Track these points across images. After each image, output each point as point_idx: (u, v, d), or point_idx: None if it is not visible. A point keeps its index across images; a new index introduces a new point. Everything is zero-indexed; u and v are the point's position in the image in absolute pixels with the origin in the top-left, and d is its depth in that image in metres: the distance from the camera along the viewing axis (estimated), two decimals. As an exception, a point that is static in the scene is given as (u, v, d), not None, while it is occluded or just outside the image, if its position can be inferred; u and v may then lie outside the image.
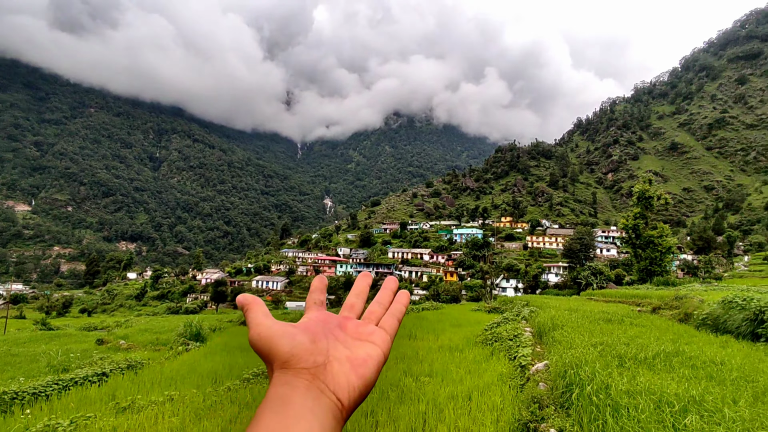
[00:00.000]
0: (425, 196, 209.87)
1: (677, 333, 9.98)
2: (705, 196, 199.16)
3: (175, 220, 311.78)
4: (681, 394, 4.71)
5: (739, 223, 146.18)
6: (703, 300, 13.27)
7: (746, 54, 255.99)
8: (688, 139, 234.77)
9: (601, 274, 65.28)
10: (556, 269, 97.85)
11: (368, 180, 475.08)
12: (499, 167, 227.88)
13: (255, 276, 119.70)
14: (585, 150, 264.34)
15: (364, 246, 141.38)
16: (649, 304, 18.52)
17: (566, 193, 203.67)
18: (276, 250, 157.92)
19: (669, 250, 45.35)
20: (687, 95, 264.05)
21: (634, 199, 48.46)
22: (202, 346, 16.99)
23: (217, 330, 22.89)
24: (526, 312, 16.89)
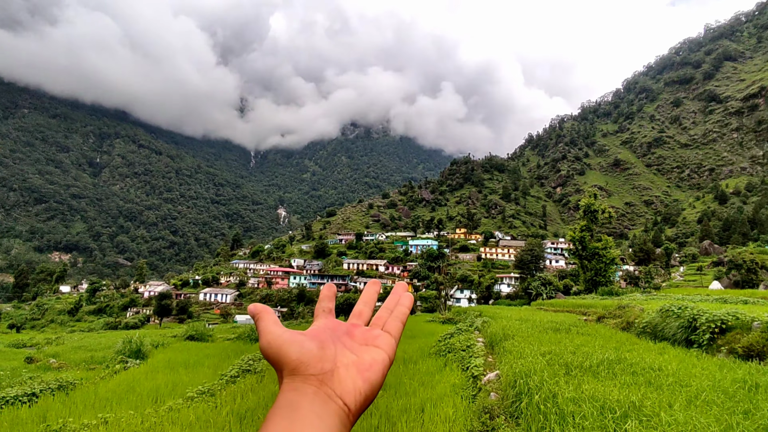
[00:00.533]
0: (381, 207, 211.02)
1: (620, 341, 10.47)
2: (645, 210, 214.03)
3: (117, 230, 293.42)
4: (622, 400, 4.88)
5: (675, 236, 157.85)
6: (643, 309, 14.05)
7: (680, 79, 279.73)
8: (630, 156, 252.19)
9: (550, 284, 68.03)
10: (509, 280, 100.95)
11: (324, 190, 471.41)
12: (455, 179, 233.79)
13: (203, 288, 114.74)
14: (536, 164, 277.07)
15: (318, 257, 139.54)
16: (594, 313, 19.38)
17: (518, 205, 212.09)
18: (226, 262, 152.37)
19: (612, 261, 48.06)
20: (628, 115, 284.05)
21: (580, 212, 51.00)
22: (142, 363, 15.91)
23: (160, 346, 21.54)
24: (479, 322, 17.19)
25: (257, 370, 10.79)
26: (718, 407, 4.82)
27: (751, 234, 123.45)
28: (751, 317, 8.64)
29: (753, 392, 5.46)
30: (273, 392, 8.14)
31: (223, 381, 10.10)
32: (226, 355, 16.81)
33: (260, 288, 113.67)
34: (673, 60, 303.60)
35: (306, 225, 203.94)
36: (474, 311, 27.82)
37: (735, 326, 8.74)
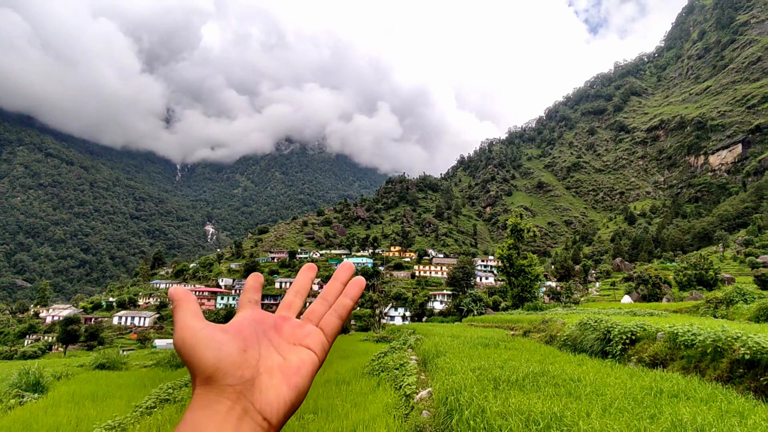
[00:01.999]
0: (316, 225, 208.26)
1: (544, 354, 11.02)
2: (565, 229, 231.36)
3: (16, 247, 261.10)
4: (545, 412, 5.09)
5: (592, 254, 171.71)
6: (564, 323, 14.96)
7: (594, 110, 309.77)
8: (552, 179, 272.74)
9: (480, 300, 70.61)
10: (442, 297, 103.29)
11: (256, 206, 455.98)
12: (390, 198, 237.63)
13: (118, 311, 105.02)
14: (467, 185, 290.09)
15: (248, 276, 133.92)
16: (521, 328, 20.31)
17: (451, 224, 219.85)
18: (145, 282, 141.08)
19: (537, 277, 50.98)
20: (550, 141, 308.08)
21: (508, 231, 53.68)
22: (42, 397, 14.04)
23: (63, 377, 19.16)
24: (413, 340, 17.31)
25: (177, 399, 9.94)
26: (629, 413, 5.18)
27: (655, 252, 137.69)
28: (656, 328, 9.53)
29: (658, 397, 5.96)
30: (193, 424, 7.51)
31: (137, 413, 9.19)
32: (143, 384, 15.37)
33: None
34: (588, 92, 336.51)
35: (236, 242, 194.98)
36: (408, 329, 28.05)
37: (643, 337, 9.59)
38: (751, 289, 25.37)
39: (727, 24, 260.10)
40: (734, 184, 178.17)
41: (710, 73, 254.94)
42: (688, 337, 8.02)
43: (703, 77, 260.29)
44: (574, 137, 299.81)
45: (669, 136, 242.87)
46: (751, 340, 6.75)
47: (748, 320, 17.68)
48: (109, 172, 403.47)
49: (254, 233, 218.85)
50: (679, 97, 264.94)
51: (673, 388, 6.39)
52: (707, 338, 7.54)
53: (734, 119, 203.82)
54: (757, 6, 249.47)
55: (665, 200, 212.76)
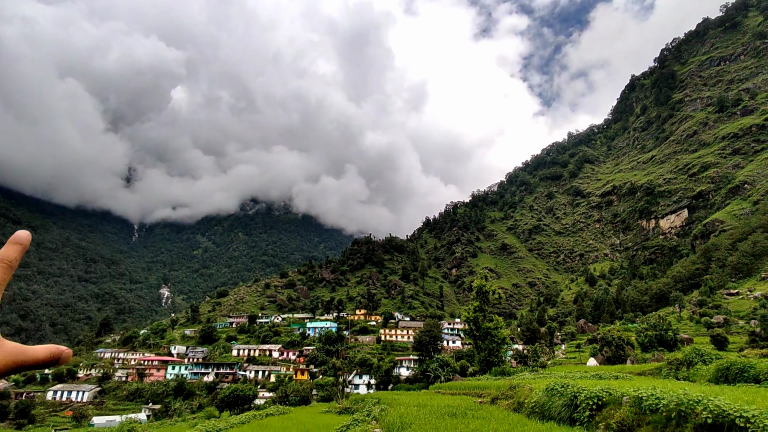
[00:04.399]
0: (279, 287, 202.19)
1: (512, 423, 10.59)
2: (529, 291, 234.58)
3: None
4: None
5: (556, 315, 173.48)
6: (532, 388, 14.64)
7: (552, 175, 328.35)
8: (515, 241, 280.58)
9: (447, 365, 68.77)
10: (408, 362, 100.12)
11: (216, 268, 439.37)
12: (356, 259, 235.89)
13: (53, 384, 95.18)
14: (433, 246, 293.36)
15: (204, 342, 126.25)
16: (488, 394, 19.72)
17: (417, 286, 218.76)
18: (88, 351, 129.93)
19: (504, 341, 50.62)
20: (512, 204, 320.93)
21: (473, 293, 53.87)
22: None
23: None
24: (377, 411, 16.39)
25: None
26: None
27: (616, 313, 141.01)
28: (621, 393, 9.44)
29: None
30: None
31: None
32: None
33: (129, 381, 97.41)
34: (546, 159, 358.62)
35: (192, 307, 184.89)
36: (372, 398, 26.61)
37: (609, 402, 9.45)
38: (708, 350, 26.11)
39: (665, 101, 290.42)
40: (684, 247, 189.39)
41: (654, 143, 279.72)
42: (653, 401, 7.95)
43: (648, 147, 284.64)
44: (534, 201, 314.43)
45: (621, 200, 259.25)
46: (712, 403, 6.76)
47: (708, 381, 17.95)
48: (59, 232, 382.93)
49: (213, 297, 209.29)
50: (628, 165, 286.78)
51: (643, 458, 6.19)
52: (671, 402, 7.51)
53: (679, 186, 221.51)
54: (689, 86, 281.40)
55: (622, 261, 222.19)
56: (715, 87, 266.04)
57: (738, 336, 78.55)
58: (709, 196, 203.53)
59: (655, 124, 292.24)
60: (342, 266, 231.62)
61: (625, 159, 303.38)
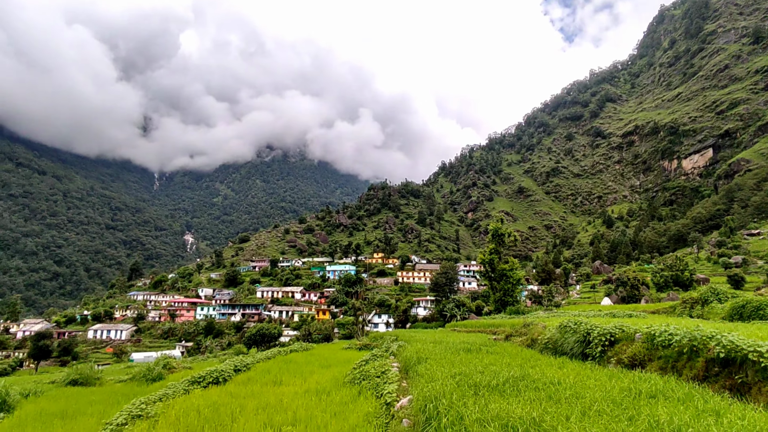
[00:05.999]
0: (298, 233, 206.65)
1: (525, 358, 11.00)
2: (546, 233, 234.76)
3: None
4: (524, 417, 5.02)
5: (572, 257, 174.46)
6: (545, 326, 14.99)
7: (572, 116, 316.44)
8: (532, 184, 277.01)
9: (463, 305, 70.73)
10: (425, 303, 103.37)
11: (237, 215, 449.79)
12: (372, 205, 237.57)
13: (93, 324, 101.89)
14: (449, 191, 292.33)
15: (230, 285, 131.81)
16: (503, 332, 20.30)
17: (433, 230, 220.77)
18: (122, 294, 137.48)
19: (519, 282, 51.43)
20: (529, 147, 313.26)
21: (489, 236, 54.11)
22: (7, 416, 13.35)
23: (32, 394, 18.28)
24: (395, 347, 17.15)
25: (150, 415, 9.56)
26: (607, 416, 5.16)
27: (633, 254, 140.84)
28: (634, 329, 9.62)
29: (636, 399, 5.96)
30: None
31: (107, 431, 8.80)
32: (116, 400, 14.81)
33: (162, 321, 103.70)
34: (565, 99, 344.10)
35: (216, 252, 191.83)
36: (390, 336, 27.82)
37: (621, 338, 9.66)
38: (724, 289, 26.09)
39: (696, 33, 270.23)
40: (706, 187, 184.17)
41: (681, 80, 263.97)
42: (665, 337, 8.10)
43: (674, 84, 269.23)
44: (552, 143, 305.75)
45: (643, 141, 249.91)
46: (726, 338, 6.84)
47: (723, 319, 18.12)
48: (83, 182, 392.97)
49: (235, 242, 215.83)
50: (652, 104, 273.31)
51: (651, 388, 6.41)
52: (683, 338, 7.63)
53: (705, 124, 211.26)
54: (723, 16, 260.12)
55: (641, 203, 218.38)
56: (752, 16, 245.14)
57: (756, 276, 78.02)
58: (736, 135, 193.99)
59: (683, 59, 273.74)
60: (359, 211, 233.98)
61: (649, 97, 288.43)
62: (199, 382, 13.75)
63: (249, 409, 9.40)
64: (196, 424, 8.30)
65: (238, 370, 16.35)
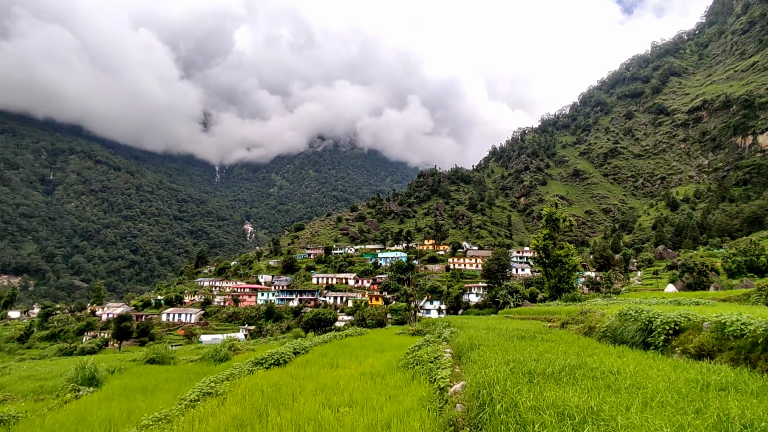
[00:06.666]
0: (350, 221, 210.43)
1: (582, 346, 10.68)
2: (604, 218, 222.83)
3: (72, 250, 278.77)
4: (581, 406, 4.95)
5: (632, 242, 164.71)
6: (604, 313, 14.41)
7: (631, 93, 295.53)
8: (588, 166, 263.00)
9: (517, 292, 69.26)
10: (477, 289, 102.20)
11: (292, 204, 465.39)
12: (422, 191, 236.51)
13: (166, 308, 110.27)
14: (500, 175, 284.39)
15: (287, 272, 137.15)
16: (558, 319, 19.72)
17: (484, 216, 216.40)
18: (190, 280, 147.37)
19: (575, 268, 49.49)
20: (585, 127, 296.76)
21: (543, 221, 52.39)
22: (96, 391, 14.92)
23: (117, 371, 20.31)
24: (447, 333, 17.22)
25: (219, 393, 10.35)
26: (672, 407, 4.96)
27: (700, 238, 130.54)
28: (702, 318, 9.05)
29: (704, 391, 5.67)
30: (234, 415, 7.82)
31: (182, 406, 9.63)
32: (188, 378, 16.08)
33: (226, 306, 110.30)
34: (624, 75, 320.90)
35: (273, 240, 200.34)
36: (443, 322, 27.90)
37: (687, 327, 9.13)
38: (812, 275, 23.65)
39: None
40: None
41: (756, 47, 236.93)
42: (738, 326, 7.56)
43: (749, 52, 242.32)
44: (610, 122, 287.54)
45: (713, 116, 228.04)
46: (810, 329, 6.30)
47: (810, 309, 16.46)
48: (153, 176, 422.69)
49: (291, 231, 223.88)
50: (723, 75, 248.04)
51: (720, 380, 6.06)
52: (758, 328, 7.10)
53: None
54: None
55: (710, 184, 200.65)
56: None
57: None
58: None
59: (759, 24, 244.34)
60: (409, 198, 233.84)
61: (720, 68, 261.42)
62: (262, 363, 14.61)
63: (308, 389, 9.88)
64: (260, 402, 8.86)
65: (297, 353, 17.16)
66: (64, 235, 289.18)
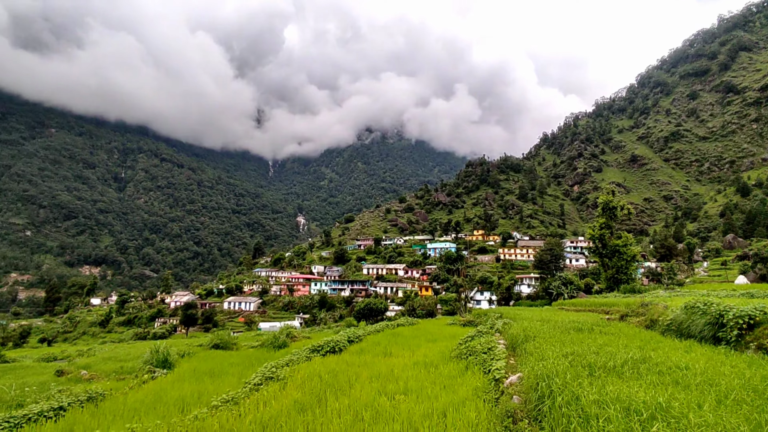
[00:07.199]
0: (399, 212, 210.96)
1: (644, 339, 10.21)
2: (665, 205, 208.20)
3: (143, 242, 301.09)
4: (648, 402, 4.77)
5: (697, 231, 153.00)
6: (667, 306, 13.66)
7: (696, 71, 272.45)
8: (647, 151, 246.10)
9: (571, 283, 66.66)
10: (528, 280, 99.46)
11: (341, 197, 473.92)
12: (470, 181, 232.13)
13: (227, 297, 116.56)
14: (552, 163, 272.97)
15: (338, 263, 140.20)
16: (617, 311, 18.90)
17: (535, 205, 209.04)
18: (248, 270, 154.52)
19: (634, 258, 46.95)
20: (644, 110, 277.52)
21: (599, 210, 50.08)
22: (169, 373, 16.18)
23: (186, 355, 21.89)
24: (500, 324, 16.99)
25: (280, 378, 10.89)
26: (748, 406, 4.68)
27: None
28: (782, 312, 8.35)
29: (786, 390, 5.27)
30: (296, 399, 8.23)
31: (246, 389, 10.22)
32: (250, 363, 17.02)
33: (282, 295, 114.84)
34: (687, 52, 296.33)
35: (325, 232, 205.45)
36: (494, 313, 27.48)
37: (763, 321, 8.45)
38: None
39: None
40: None
41: None
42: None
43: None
44: (671, 104, 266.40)
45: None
46: None
47: None
48: (212, 172, 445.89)
49: (341, 222, 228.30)
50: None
51: (806, 380, 5.60)
52: None
53: None
54: None
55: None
56: None
57: None
58: None
59: None
60: (457, 189, 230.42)
61: None
62: (318, 350, 15.19)
63: (363, 377, 10.16)
64: (319, 387, 9.24)
65: (351, 341, 17.65)
66: (136, 228, 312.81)
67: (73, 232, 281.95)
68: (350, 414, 7.03)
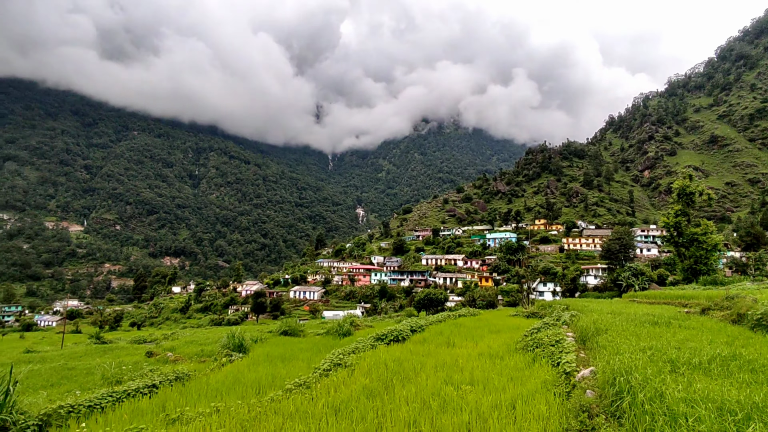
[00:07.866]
0: (456, 202, 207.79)
1: (731, 335, 9.42)
2: (750, 189, 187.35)
3: (215, 235, 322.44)
4: (743, 401, 4.43)
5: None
6: (756, 299, 12.47)
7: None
8: (729, 131, 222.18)
9: (642, 274, 62.46)
10: (595, 271, 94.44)
11: (399, 188, 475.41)
12: (531, 169, 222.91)
13: (292, 287, 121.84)
14: (619, 148, 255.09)
15: (397, 254, 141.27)
16: (697, 304, 17.56)
17: (601, 192, 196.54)
18: (312, 261, 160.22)
19: (715, 247, 43.12)
20: (725, 86, 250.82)
21: (674, 196, 46.46)
22: (244, 357, 17.28)
23: (258, 341, 23.29)
24: (567, 316, 16.36)
25: (347, 364, 11.28)
26: None
27: None
28: None
29: None
30: (364, 386, 8.51)
31: (316, 374, 10.69)
32: (318, 349, 17.76)
33: (344, 285, 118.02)
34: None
35: (384, 223, 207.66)
36: (560, 304, 26.40)
37: None
38: None
39: None
40: None
41: None
42: None
43: None
44: (756, 78, 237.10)
45: None
46: None
47: None
48: (276, 167, 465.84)
49: (399, 213, 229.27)
50: None
51: None
52: None
53: None
54: None
55: None
56: None
57: None
58: None
59: None
60: (517, 177, 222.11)
61: None
62: (382, 339, 15.52)
63: (428, 366, 10.27)
64: (385, 375, 9.48)
65: (414, 331, 17.82)
66: (209, 222, 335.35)
67: (155, 226, 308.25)
68: (418, 401, 7.17)
